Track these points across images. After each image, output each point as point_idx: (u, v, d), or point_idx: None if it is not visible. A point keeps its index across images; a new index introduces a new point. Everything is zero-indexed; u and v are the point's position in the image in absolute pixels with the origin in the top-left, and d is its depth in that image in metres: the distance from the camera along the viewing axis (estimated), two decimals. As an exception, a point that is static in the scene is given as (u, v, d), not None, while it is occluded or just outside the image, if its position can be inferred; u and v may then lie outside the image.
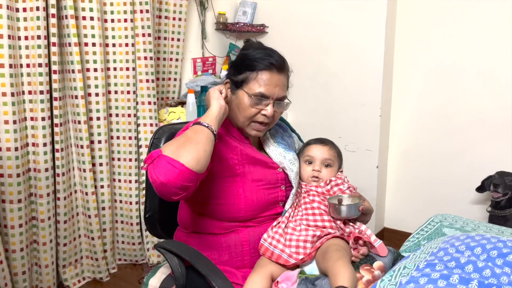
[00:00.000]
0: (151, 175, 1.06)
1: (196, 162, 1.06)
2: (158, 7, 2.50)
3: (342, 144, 2.73)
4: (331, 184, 1.31)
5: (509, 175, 2.24)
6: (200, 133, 1.12)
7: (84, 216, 2.28)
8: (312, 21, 2.77)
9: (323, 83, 2.79)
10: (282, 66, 1.29)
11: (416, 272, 0.97)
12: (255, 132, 1.30)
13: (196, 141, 1.09)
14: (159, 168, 1.04)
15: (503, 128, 2.40)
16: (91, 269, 2.33)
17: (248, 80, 1.25)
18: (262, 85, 1.24)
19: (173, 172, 1.03)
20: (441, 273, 0.94)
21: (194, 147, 1.08)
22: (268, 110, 1.25)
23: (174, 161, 1.04)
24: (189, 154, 1.06)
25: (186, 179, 1.05)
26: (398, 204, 2.83)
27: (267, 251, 1.20)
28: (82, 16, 2.11)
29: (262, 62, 1.25)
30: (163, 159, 1.05)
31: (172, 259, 1.28)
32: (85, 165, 2.20)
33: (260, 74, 1.25)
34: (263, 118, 1.27)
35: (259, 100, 1.25)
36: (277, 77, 1.26)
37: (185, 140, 1.10)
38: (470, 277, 0.92)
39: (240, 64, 1.29)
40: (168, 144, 1.12)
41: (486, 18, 2.37)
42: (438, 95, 2.58)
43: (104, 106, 2.24)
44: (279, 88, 1.26)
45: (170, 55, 2.63)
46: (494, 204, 2.27)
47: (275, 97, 1.26)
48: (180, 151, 1.06)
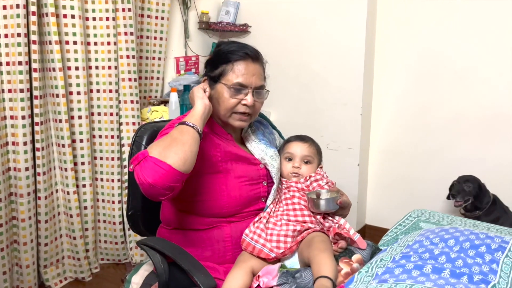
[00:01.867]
0: (138, 176, 1.07)
1: (183, 162, 1.07)
2: (141, 5, 2.49)
3: (324, 143, 2.77)
4: (311, 180, 1.34)
5: (467, 180, 2.29)
6: (186, 133, 1.13)
7: (66, 215, 2.27)
8: (294, 21, 2.80)
9: (305, 83, 2.83)
10: (257, 55, 1.31)
11: (392, 264, 1.00)
12: (239, 122, 1.31)
13: (182, 141, 1.10)
14: (147, 170, 1.05)
15: (480, 126, 2.47)
16: (73, 269, 2.31)
17: (225, 72, 1.28)
18: (239, 75, 1.27)
19: (161, 174, 1.04)
20: (415, 263, 0.98)
21: (181, 147, 1.09)
22: (248, 99, 1.27)
23: (161, 162, 1.05)
24: (176, 155, 1.07)
25: (173, 179, 1.06)
26: (379, 201, 2.88)
27: (249, 246, 1.22)
28: (63, 14, 2.09)
29: (237, 53, 1.28)
30: (150, 160, 1.06)
31: (154, 256, 1.29)
32: (66, 164, 2.18)
33: (236, 65, 1.27)
34: (244, 108, 1.28)
35: (238, 90, 1.27)
36: (253, 66, 1.29)
37: (171, 141, 1.11)
38: (443, 267, 0.95)
39: (216, 60, 1.31)
40: (154, 145, 1.12)
41: (463, 20, 2.44)
42: (417, 95, 2.64)
43: (86, 104, 2.23)
44: (256, 77, 1.29)
45: (152, 54, 2.63)
46: (464, 208, 2.33)
47: (253, 86, 1.28)
48: (166, 152, 1.07)
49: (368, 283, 0.93)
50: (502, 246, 1.05)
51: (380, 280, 0.92)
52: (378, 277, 0.94)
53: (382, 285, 0.90)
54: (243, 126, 1.35)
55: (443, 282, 0.88)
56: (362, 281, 0.96)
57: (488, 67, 2.41)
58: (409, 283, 0.89)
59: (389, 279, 0.91)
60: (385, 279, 0.92)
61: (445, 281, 0.89)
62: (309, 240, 1.21)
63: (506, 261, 1.00)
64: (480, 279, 0.91)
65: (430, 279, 0.90)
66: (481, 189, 2.30)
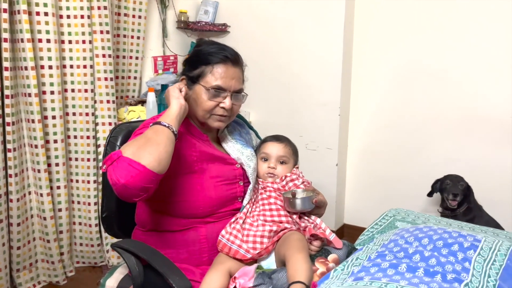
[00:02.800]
0: (111, 177, 1.05)
1: (157, 163, 1.05)
2: (117, 4, 2.45)
3: (303, 143, 2.78)
4: (286, 180, 1.34)
5: (460, 180, 2.32)
6: (161, 133, 1.11)
7: (39, 218, 2.21)
8: (273, 22, 2.80)
9: (284, 83, 2.83)
10: (237, 59, 1.31)
11: (368, 262, 1.00)
12: (218, 123, 1.30)
13: (157, 141, 1.08)
14: (120, 170, 1.03)
15: (455, 127, 2.51)
16: (47, 273, 2.25)
17: (204, 74, 1.27)
18: (218, 78, 1.26)
19: (134, 174, 1.02)
20: (390, 262, 0.98)
21: (155, 148, 1.07)
22: (227, 102, 1.26)
23: (135, 163, 1.03)
24: (150, 155, 1.05)
25: (148, 180, 1.04)
26: (357, 201, 2.91)
27: (225, 247, 1.21)
28: (36, 11, 2.04)
29: (217, 56, 1.27)
30: (124, 160, 1.03)
31: (129, 259, 1.26)
32: (39, 166, 2.13)
33: (215, 67, 1.26)
34: (222, 111, 1.28)
35: (216, 92, 1.26)
36: (233, 69, 1.28)
37: (145, 141, 1.09)
38: (417, 266, 0.96)
39: (195, 60, 1.30)
40: (128, 145, 1.10)
41: (440, 23, 2.48)
42: (394, 96, 2.67)
43: (60, 104, 2.17)
44: (235, 80, 1.28)
45: (130, 53, 2.59)
46: (445, 206, 2.36)
47: (232, 90, 1.28)
48: (141, 152, 1.05)
49: (344, 280, 0.94)
50: (475, 244, 1.07)
51: (355, 278, 0.92)
52: (354, 275, 0.95)
53: (357, 282, 0.90)
54: (222, 127, 1.35)
55: (417, 281, 0.89)
56: (338, 278, 0.96)
57: (463, 69, 2.45)
58: (384, 281, 0.89)
59: (365, 277, 0.92)
60: (360, 276, 0.93)
61: (419, 280, 0.90)
62: (285, 237, 1.20)
63: (479, 260, 1.02)
64: (453, 278, 0.92)
65: (404, 277, 0.91)
66: (469, 188, 2.34)
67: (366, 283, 0.89)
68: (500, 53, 2.35)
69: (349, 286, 0.89)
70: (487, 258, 1.03)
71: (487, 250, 1.06)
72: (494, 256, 1.04)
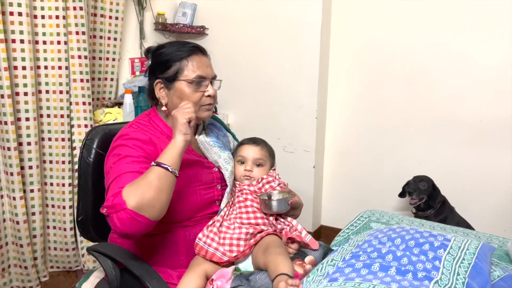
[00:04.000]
0: (115, 225, 1.07)
1: (160, 213, 1.09)
2: (93, 4, 2.42)
3: (281, 145, 2.81)
4: (263, 182, 1.35)
5: (422, 180, 2.40)
6: (164, 180, 1.10)
7: (12, 222, 2.16)
8: (250, 24, 2.83)
9: (261, 86, 2.85)
10: (203, 49, 1.35)
11: (342, 263, 1.03)
12: (207, 112, 1.33)
13: (160, 189, 1.08)
14: (124, 222, 1.05)
15: (427, 129, 2.59)
16: (20, 278, 2.20)
17: (181, 69, 1.28)
18: (197, 69, 1.28)
19: (139, 226, 1.06)
20: (364, 262, 1.01)
21: (158, 197, 1.08)
22: (210, 90, 1.29)
23: (140, 216, 1.05)
24: (153, 209, 1.07)
25: (149, 228, 1.09)
26: (334, 202, 2.95)
27: (202, 250, 1.22)
28: (10, 11, 1.99)
29: (186, 50, 1.29)
30: (128, 213, 1.04)
31: (105, 262, 1.26)
32: (12, 168, 2.08)
33: (190, 60, 1.29)
34: (209, 99, 1.30)
35: (199, 83, 1.28)
36: (205, 58, 1.33)
37: (148, 188, 1.07)
38: (389, 265, 0.99)
39: (165, 60, 1.30)
40: (130, 191, 1.07)
41: (411, 26, 2.55)
42: (370, 99, 2.73)
43: (34, 106, 2.13)
44: (210, 68, 1.33)
45: (106, 54, 2.56)
46: (416, 207, 2.43)
47: (210, 77, 1.31)
48: (144, 205, 1.06)
49: (319, 282, 0.96)
50: (444, 243, 1.10)
51: (330, 279, 0.95)
52: (329, 276, 0.97)
53: (332, 283, 0.92)
54: (210, 116, 1.37)
55: (389, 280, 0.92)
56: (313, 280, 0.98)
57: (435, 72, 2.53)
58: (357, 281, 0.91)
59: (339, 278, 0.94)
60: (335, 277, 0.95)
61: (391, 278, 0.93)
62: (264, 246, 1.21)
63: (448, 258, 1.06)
64: (424, 276, 0.96)
65: (377, 276, 0.93)
66: (435, 188, 2.42)
67: (340, 283, 0.91)
68: (470, 57, 2.43)
69: (324, 287, 0.91)
70: (456, 257, 1.07)
71: (457, 249, 1.10)
72: (463, 255, 1.08)
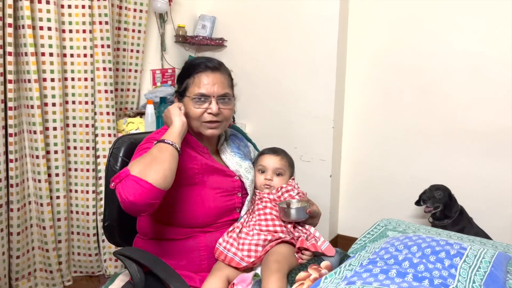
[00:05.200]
0: (120, 194, 1.11)
1: (163, 180, 1.12)
2: (118, 19, 2.52)
3: (298, 155, 2.85)
4: (282, 191, 1.40)
5: (438, 188, 2.41)
6: (165, 151, 1.17)
7: (39, 227, 2.24)
8: (268, 36, 2.89)
9: (279, 96, 2.91)
10: (217, 66, 1.38)
11: (360, 268, 1.06)
12: (210, 130, 1.36)
13: (162, 159, 1.14)
14: (128, 188, 1.09)
15: (443, 138, 2.60)
16: (45, 282, 2.28)
17: (188, 86, 1.35)
18: (201, 86, 1.33)
19: (142, 191, 1.08)
20: (381, 268, 1.04)
21: (160, 165, 1.13)
22: (212, 107, 1.32)
23: (142, 181, 1.09)
24: (155, 173, 1.11)
25: (154, 197, 1.11)
26: (351, 211, 2.97)
27: (221, 254, 1.27)
28: (40, 26, 2.10)
29: (197, 67, 1.36)
30: (131, 178, 1.09)
31: (131, 266, 1.31)
32: (40, 176, 2.17)
33: (197, 77, 1.34)
34: (210, 117, 1.34)
35: (200, 100, 1.33)
36: (213, 76, 1.35)
37: (151, 159, 1.15)
38: (406, 271, 1.02)
39: (181, 76, 1.39)
40: (135, 163, 1.15)
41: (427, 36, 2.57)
42: (385, 109, 2.75)
43: (61, 116, 2.23)
44: (218, 85, 1.35)
45: (129, 66, 2.65)
46: (433, 216, 2.44)
47: (216, 95, 1.34)
48: (147, 170, 1.11)
49: (337, 284, 0.99)
50: (460, 252, 1.13)
51: (348, 282, 0.98)
52: (347, 279, 1.01)
53: (350, 286, 0.96)
54: (215, 134, 1.39)
55: (406, 285, 0.95)
56: (332, 281, 1.02)
57: (449, 83, 2.55)
58: (375, 285, 0.95)
59: (357, 281, 0.98)
60: (353, 281, 0.98)
61: (408, 284, 0.96)
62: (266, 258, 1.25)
63: (464, 266, 1.08)
64: (440, 283, 0.98)
65: (394, 282, 0.97)
66: (451, 198, 2.42)
67: (358, 286, 0.95)
68: (486, 67, 2.44)
69: (342, 290, 0.95)
70: (472, 265, 1.09)
71: (472, 257, 1.12)
72: (478, 263, 1.10)
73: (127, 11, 2.56)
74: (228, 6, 3.03)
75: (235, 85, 1.43)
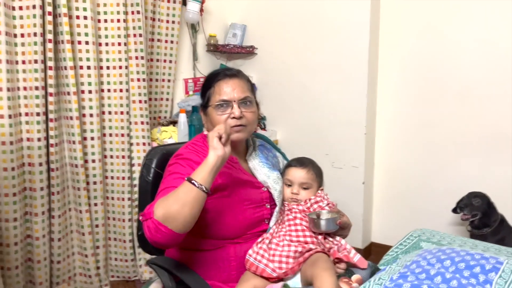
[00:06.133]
0: (145, 231, 1.17)
1: (182, 226, 1.15)
2: (151, 30, 2.60)
3: (329, 161, 2.83)
4: (311, 202, 1.40)
5: (477, 196, 2.33)
6: (190, 193, 1.16)
7: (78, 233, 2.34)
8: (298, 42, 2.89)
9: (310, 102, 2.90)
10: (234, 73, 1.42)
11: (389, 283, 1.05)
12: (236, 134, 1.37)
13: (185, 202, 1.15)
14: (151, 230, 1.15)
15: (481, 145, 2.51)
16: (84, 286, 2.37)
17: (210, 96, 1.40)
18: (221, 94, 1.37)
19: (162, 236, 1.14)
20: (412, 283, 1.02)
21: (182, 211, 1.14)
22: (235, 111, 1.35)
23: (163, 227, 1.14)
24: (175, 221, 1.14)
25: (174, 239, 1.16)
26: (385, 219, 2.92)
27: (253, 265, 1.28)
28: (78, 40, 2.20)
29: (216, 76, 1.41)
30: (154, 222, 1.14)
31: (163, 275, 1.36)
32: (79, 184, 2.26)
33: (217, 86, 1.39)
34: (234, 121, 1.36)
35: (222, 106, 1.36)
36: (232, 81, 1.39)
37: (174, 202, 1.15)
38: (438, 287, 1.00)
39: (203, 89, 1.44)
40: (159, 204, 1.17)
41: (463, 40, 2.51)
42: (420, 114, 2.69)
43: (98, 126, 2.32)
44: (238, 90, 1.38)
45: (162, 76, 2.72)
46: (471, 224, 2.36)
47: (236, 99, 1.37)
48: (168, 217, 1.14)
49: (366, 301, 0.99)
50: (496, 267, 1.09)
51: (377, 299, 0.97)
52: (376, 296, 0.99)
53: (378, 303, 0.95)
54: (241, 138, 1.40)
55: (436, 302, 0.93)
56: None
57: (488, 87, 2.46)
58: (404, 302, 0.93)
59: (386, 298, 0.96)
60: (381, 297, 0.97)
61: (438, 301, 0.94)
62: (313, 260, 1.26)
63: (499, 282, 1.04)
64: (472, 299, 0.96)
65: (424, 298, 0.95)
66: (490, 206, 2.34)
67: (387, 303, 0.93)
68: (528, 71, 2.35)
69: (370, 305, 0.94)
70: (508, 280, 1.05)
71: (509, 272, 1.08)
72: (515, 279, 1.06)
73: (160, 22, 2.64)
74: (258, 14, 3.05)
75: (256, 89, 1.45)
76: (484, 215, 2.31)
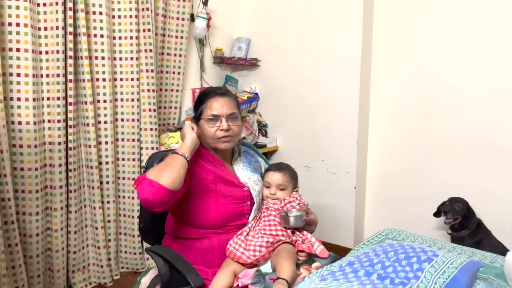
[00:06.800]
0: (138, 193, 1.42)
1: (171, 182, 1.40)
2: (161, 45, 2.87)
3: (325, 167, 3.04)
4: (285, 202, 1.64)
5: (458, 201, 2.51)
6: (176, 160, 1.46)
7: (92, 228, 2.61)
8: (298, 56, 3.12)
9: (308, 112, 3.11)
10: (224, 92, 1.67)
11: (337, 269, 1.26)
12: (224, 144, 1.63)
13: (172, 166, 1.44)
14: (144, 188, 1.39)
15: (466, 155, 2.68)
16: (97, 275, 2.64)
17: (203, 110, 1.64)
18: (212, 109, 1.62)
19: (155, 191, 1.38)
20: (353, 269, 1.24)
21: (171, 171, 1.42)
22: (223, 125, 1.60)
23: (155, 182, 1.39)
24: (166, 177, 1.40)
25: (164, 196, 1.40)
26: (377, 222, 3.09)
27: (231, 253, 1.52)
28: (95, 56, 2.48)
29: (208, 94, 1.65)
30: (148, 181, 1.39)
31: (158, 260, 1.59)
32: (93, 183, 2.54)
33: (209, 102, 1.63)
34: (222, 133, 1.61)
35: (212, 120, 1.61)
36: (222, 99, 1.63)
37: (164, 166, 1.45)
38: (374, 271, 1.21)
39: (196, 104, 1.69)
40: (151, 170, 1.46)
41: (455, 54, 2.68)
42: (409, 126, 2.88)
43: (112, 132, 2.59)
44: (226, 106, 1.62)
45: (171, 86, 2.98)
46: (451, 227, 2.54)
47: (225, 115, 1.62)
48: (160, 175, 1.41)
49: (314, 281, 1.20)
50: (431, 258, 1.29)
51: (321, 279, 1.19)
52: (322, 277, 1.21)
53: (321, 282, 1.16)
54: (228, 147, 1.66)
55: (367, 282, 1.14)
56: (311, 280, 1.23)
57: (475, 100, 2.63)
58: (341, 281, 1.15)
59: (329, 278, 1.18)
60: (325, 278, 1.19)
61: (370, 281, 1.15)
62: (277, 251, 1.50)
63: (430, 270, 1.24)
64: (400, 282, 1.16)
65: (359, 279, 1.16)
66: (469, 210, 2.51)
67: (326, 282, 1.15)
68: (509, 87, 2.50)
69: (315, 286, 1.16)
70: (439, 269, 1.25)
71: (441, 263, 1.28)
72: (445, 268, 1.26)
73: (170, 38, 2.90)
74: (262, 28, 3.29)
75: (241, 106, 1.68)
76: (464, 218, 2.48)
